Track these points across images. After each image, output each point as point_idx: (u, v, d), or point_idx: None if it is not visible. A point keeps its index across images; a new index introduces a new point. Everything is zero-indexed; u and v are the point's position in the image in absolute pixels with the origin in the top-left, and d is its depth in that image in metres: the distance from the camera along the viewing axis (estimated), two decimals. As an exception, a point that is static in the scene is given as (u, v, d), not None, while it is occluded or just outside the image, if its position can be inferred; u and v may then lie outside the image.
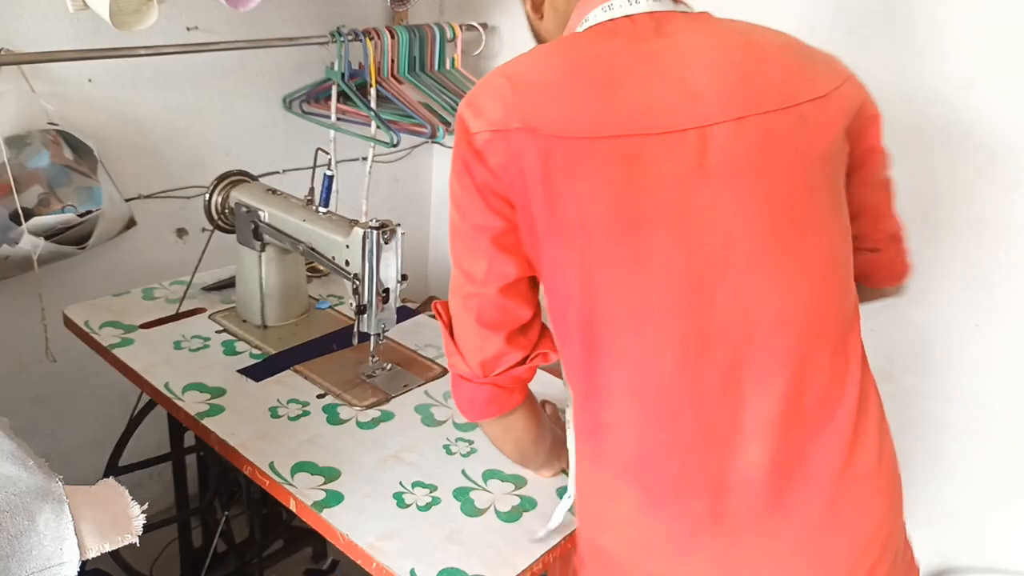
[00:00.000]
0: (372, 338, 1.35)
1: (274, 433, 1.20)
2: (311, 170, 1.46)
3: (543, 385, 1.18)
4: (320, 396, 1.31)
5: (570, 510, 1.00)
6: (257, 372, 1.37)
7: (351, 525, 1.03)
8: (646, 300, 0.80)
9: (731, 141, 0.80)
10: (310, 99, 2.02)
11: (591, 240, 0.80)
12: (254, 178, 1.56)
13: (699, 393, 0.81)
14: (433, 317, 1.65)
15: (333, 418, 1.26)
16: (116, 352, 1.39)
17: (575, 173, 0.79)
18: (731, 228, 0.80)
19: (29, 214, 1.51)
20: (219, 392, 1.30)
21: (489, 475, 1.15)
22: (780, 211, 0.82)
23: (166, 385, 1.31)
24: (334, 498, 1.08)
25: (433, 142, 2.03)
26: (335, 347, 1.46)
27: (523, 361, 0.90)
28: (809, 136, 0.83)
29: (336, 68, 1.92)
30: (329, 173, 1.39)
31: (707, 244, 0.80)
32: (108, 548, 0.87)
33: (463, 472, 1.15)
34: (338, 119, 1.99)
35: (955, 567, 1.69)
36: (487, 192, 0.83)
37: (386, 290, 1.29)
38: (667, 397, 0.81)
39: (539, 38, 1.08)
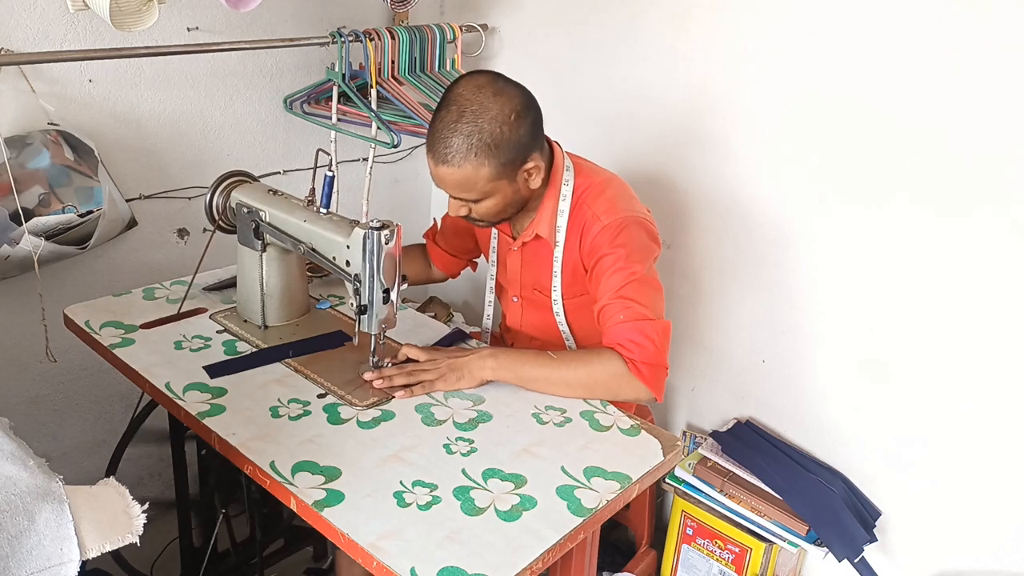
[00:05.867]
0: (372, 338, 1.35)
1: (275, 433, 1.21)
2: (312, 171, 1.47)
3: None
4: (321, 396, 1.31)
5: None
6: (235, 366, 1.37)
7: (351, 524, 1.03)
8: None
9: None
10: (311, 100, 2.03)
11: None
12: (255, 179, 1.56)
13: None
14: (434, 317, 1.67)
15: (334, 418, 1.26)
16: (117, 352, 1.40)
17: None
18: None
19: (29, 214, 1.51)
20: (220, 392, 1.30)
21: (489, 474, 1.15)
22: None
23: (167, 385, 1.31)
24: (334, 497, 1.08)
25: (433, 142, 2.02)
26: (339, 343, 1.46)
27: None
28: None
29: (337, 69, 1.92)
30: (330, 174, 1.39)
31: None
32: (108, 548, 0.87)
33: (463, 471, 1.15)
34: (339, 120, 1.99)
35: (955, 567, 1.69)
36: None
37: (386, 290, 1.30)
38: None
39: (519, 200, 1.42)
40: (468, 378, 1.35)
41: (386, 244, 1.27)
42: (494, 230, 1.61)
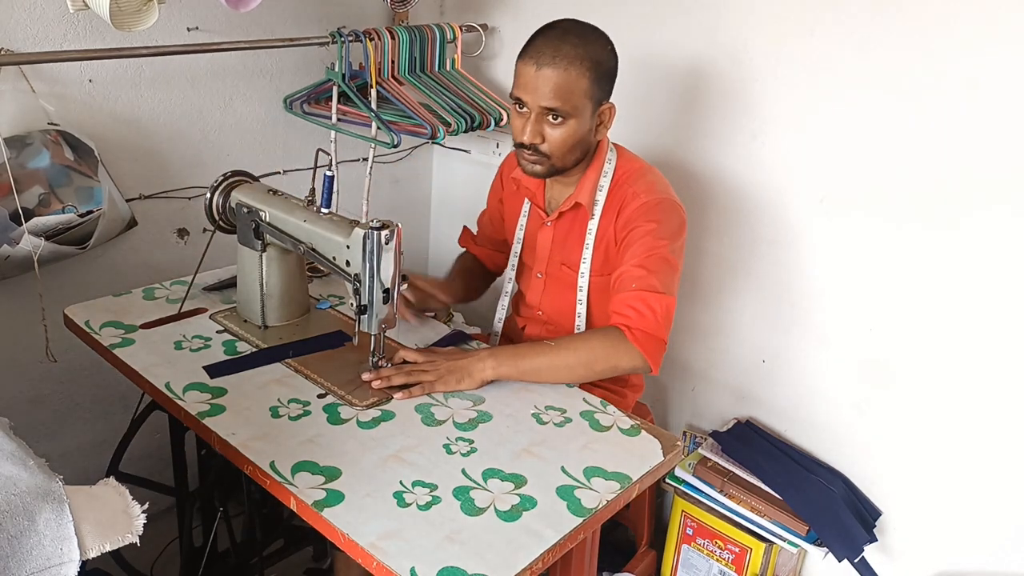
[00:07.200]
0: (373, 338, 1.35)
1: (275, 433, 1.21)
2: (312, 171, 1.47)
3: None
4: (321, 396, 1.31)
5: None
6: (235, 366, 1.37)
7: (351, 524, 1.03)
8: None
9: None
10: (311, 100, 2.02)
11: None
12: (255, 178, 1.56)
13: None
14: (434, 317, 1.67)
15: (334, 418, 1.26)
16: (117, 352, 1.40)
17: None
18: None
19: (29, 214, 1.51)
20: (220, 392, 1.30)
21: (489, 474, 1.15)
22: None
23: (167, 385, 1.31)
24: (334, 497, 1.08)
25: (433, 143, 2.02)
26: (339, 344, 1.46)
27: None
28: None
29: (337, 69, 1.92)
30: (330, 174, 1.39)
31: None
32: (108, 548, 0.87)
33: (463, 471, 1.15)
34: (339, 120, 1.99)
35: (955, 567, 1.69)
36: None
37: (386, 290, 1.30)
38: None
39: (586, 144, 1.47)
40: (468, 380, 1.36)
41: (386, 244, 1.27)
42: (524, 206, 1.66)
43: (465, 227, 1.89)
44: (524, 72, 1.42)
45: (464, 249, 1.87)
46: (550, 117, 1.42)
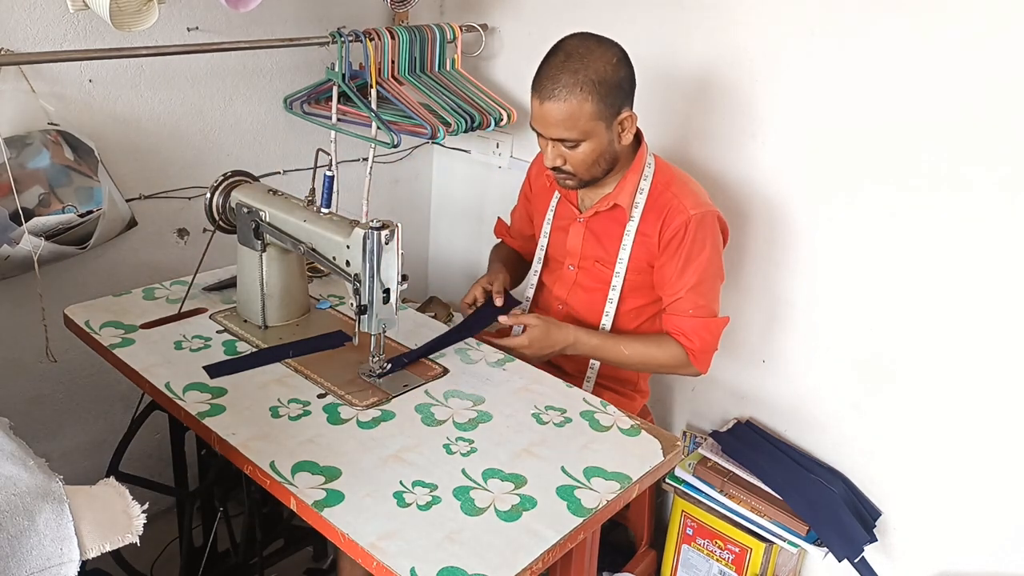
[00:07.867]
0: (373, 338, 1.35)
1: (275, 433, 1.21)
2: (312, 171, 1.47)
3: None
4: (321, 396, 1.31)
5: None
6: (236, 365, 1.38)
7: (351, 524, 1.03)
8: None
9: None
10: (311, 100, 2.02)
11: None
12: (255, 178, 1.56)
13: None
14: (434, 317, 1.67)
15: (334, 418, 1.26)
16: (117, 352, 1.40)
17: None
18: None
19: (29, 214, 1.51)
20: (220, 392, 1.30)
21: (489, 474, 1.15)
22: None
23: (167, 385, 1.31)
24: (334, 497, 1.08)
25: (433, 143, 2.02)
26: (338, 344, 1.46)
27: None
28: None
29: (337, 69, 1.92)
30: (330, 174, 1.39)
31: None
32: (108, 548, 0.87)
33: (463, 471, 1.15)
34: (339, 120, 1.99)
35: (955, 567, 1.69)
36: None
37: (386, 290, 1.30)
38: None
39: (610, 155, 1.51)
40: (548, 355, 1.56)
41: (386, 244, 1.27)
42: (552, 201, 1.71)
43: (500, 218, 1.95)
44: (533, 106, 1.47)
45: (500, 240, 1.96)
46: (566, 142, 1.47)
